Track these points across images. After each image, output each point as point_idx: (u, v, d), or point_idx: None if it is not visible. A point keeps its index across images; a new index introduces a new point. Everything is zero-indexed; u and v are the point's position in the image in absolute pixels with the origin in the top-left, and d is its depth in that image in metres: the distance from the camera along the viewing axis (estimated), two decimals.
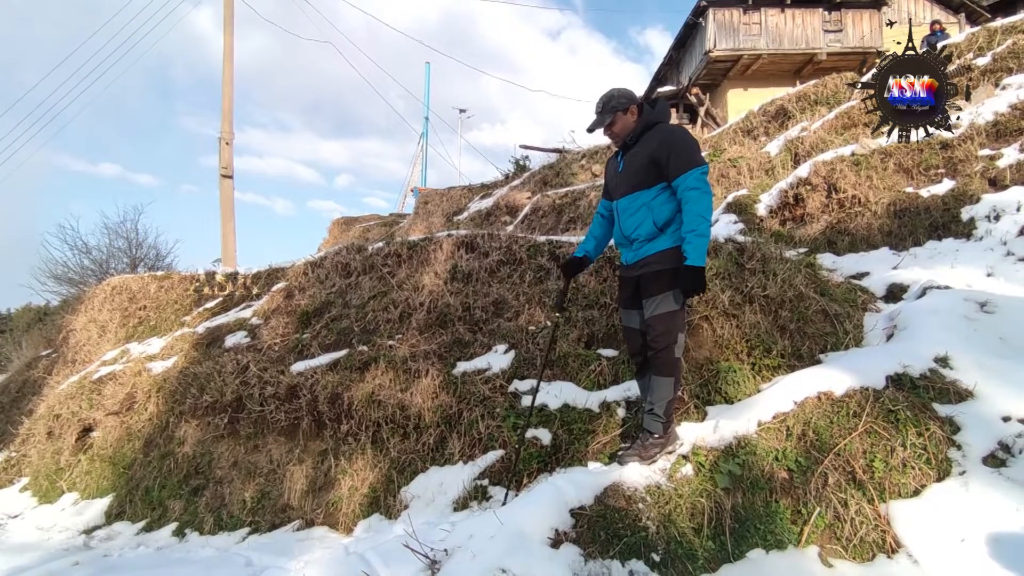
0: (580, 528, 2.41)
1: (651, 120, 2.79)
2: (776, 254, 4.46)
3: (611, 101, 2.81)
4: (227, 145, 12.40)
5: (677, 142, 2.65)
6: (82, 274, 17.02)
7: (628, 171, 2.82)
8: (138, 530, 4.57)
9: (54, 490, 5.51)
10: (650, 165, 2.70)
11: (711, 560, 2.42)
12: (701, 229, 2.53)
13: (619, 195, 2.87)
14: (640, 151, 2.77)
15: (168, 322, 7.79)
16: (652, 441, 2.76)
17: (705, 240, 2.53)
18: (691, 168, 2.58)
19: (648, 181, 2.72)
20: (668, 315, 2.66)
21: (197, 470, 4.68)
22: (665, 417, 2.74)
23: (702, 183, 2.57)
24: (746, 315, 3.77)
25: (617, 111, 2.79)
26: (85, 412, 5.90)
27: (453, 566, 2.41)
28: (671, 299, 2.66)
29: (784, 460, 2.66)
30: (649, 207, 2.71)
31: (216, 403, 4.81)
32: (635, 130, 2.80)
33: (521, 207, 11.20)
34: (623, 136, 2.83)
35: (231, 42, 12.67)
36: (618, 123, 2.81)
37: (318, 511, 3.94)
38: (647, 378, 2.88)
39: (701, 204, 2.54)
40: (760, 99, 12.29)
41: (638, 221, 2.75)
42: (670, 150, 2.64)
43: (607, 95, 2.84)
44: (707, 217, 2.55)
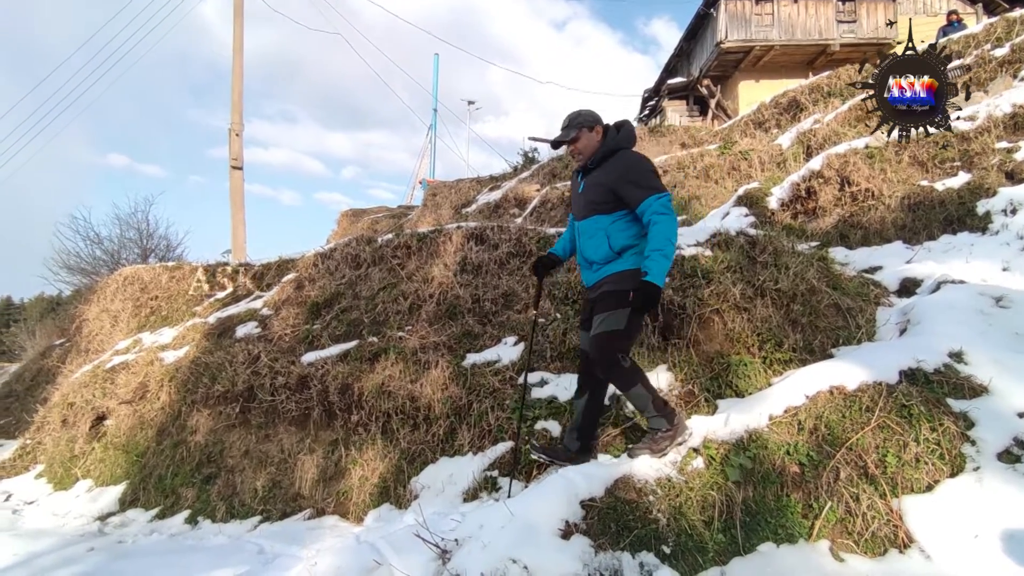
0: (590, 520, 2.42)
1: (614, 146, 2.80)
2: (788, 247, 4.43)
3: (578, 118, 2.84)
4: (237, 136, 12.43)
5: (641, 171, 2.69)
6: (94, 264, 17.17)
7: (588, 195, 2.83)
8: (151, 517, 4.64)
9: (69, 477, 5.60)
10: (610, 192, 2.72)
11: (721, 553, 2.42)
12: (667, 251, 2.54)
13: (580, 217, 2.89)
14: (601, 176, 2.78)
15: (180, 312, 7.85)
16: (662, 435, 2.75)
17: (668, 262, 2.55)
18: (655, 193, 2.61)
19: (607, 207, 2.74)
20: (612, 334, 2.66)
21: (209, 459, 4.74)
22: (661, 412, 2.73)
23: (669, 208, 2.60)
24: (758, 309, 3.75)
25: (583, 127, 2.82)
26: (99, 401, 5.98)
27: (463, 556, 2.42)
28: (618, 318, 2.66)
29: (795, 454, 2.65)
30: (607, 232, 2.74)
31: (228, 392, 4.85)
32: (598, 153, 2.81)
33: (530, 199, 11.17)
34: (586, 155, 2.84)
35: (241, 34, 12.67)
36: (582, 139, 2.82)
37: (329, 500, 3.98)
38: (584, 398, 2.94)
39: (670, 228, 2.56)
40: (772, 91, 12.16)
41: (596, 244, 2.78)
42: (635, 179, 2.66)
43: (574, 113, 2.87)
44: (673, 241, 2.57)
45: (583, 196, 2.85)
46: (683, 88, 19.90)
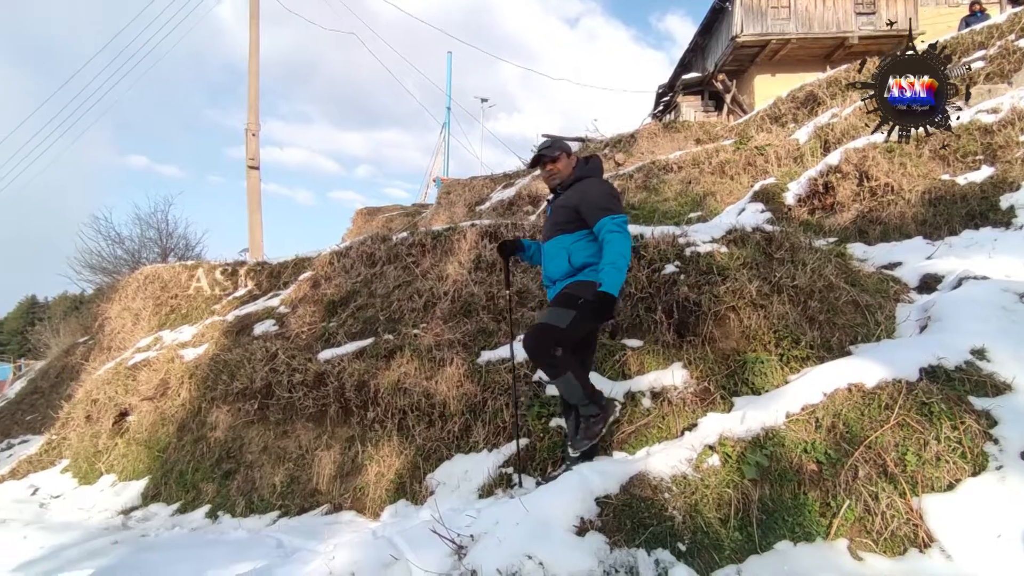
0: (606, 517, 2.42)
1: (582, 174, 3.02)
2: (805, 243, 4.38)
3: (559, 142, 3.10)
4: (253, 136, 12.57)
5: (600, 193, 2.88)
6: (115, 264, 17.47)
7: (554, 217, 3.01)
8: (173, 511, 4.72)
9: (93, 472, 5.72)
10: (573, 212, 2.89)
11: (737, 551, 2.41)
12: (620, 264, 2.67)
13: (545, 239, 3.05)
14: (566, 200, 2.97)
15: (199, 310, 7.98)
16: (594, 419, 2.86)
17: (622, 275, 2.68)
18: (612, 214, 2.76)
19: (571, 227, 2.91)
20: (550, 326, 2.77)
21: (229, 454, 4.81)
22: (590, 399, 2.83)
23: (622, 228, 2.75)
24: (774, 305, 3.72)
25: (563, 151, 3.05)
26: (121, 397, 6.10)
27: (479, 552, 2.44)
28: (561, 315, 2.77)
29: (813, 452, 2.62)
30: (568, 250, 2.89)
31: (246, 389, 4.92)
32: (569, 179, 3.03)
33: (544, 196, 11.16)
34: (561, 177, 3.04)
35: (257, 35, 12.80)
36: (561, 161, 3.04)
37: (346, 496, 4.02)
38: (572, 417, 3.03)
39: (623, 245, 2.71)
40: (789, 85, 11.99)
41: (558, 262, 2.93)
42: (593, 199, 2.84)
43: (555, 137, 3.12)
44: (627, 256, 2.71)
45: (550, 219, 3.04)
46: (698, 83, 19.70)
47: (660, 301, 3.99)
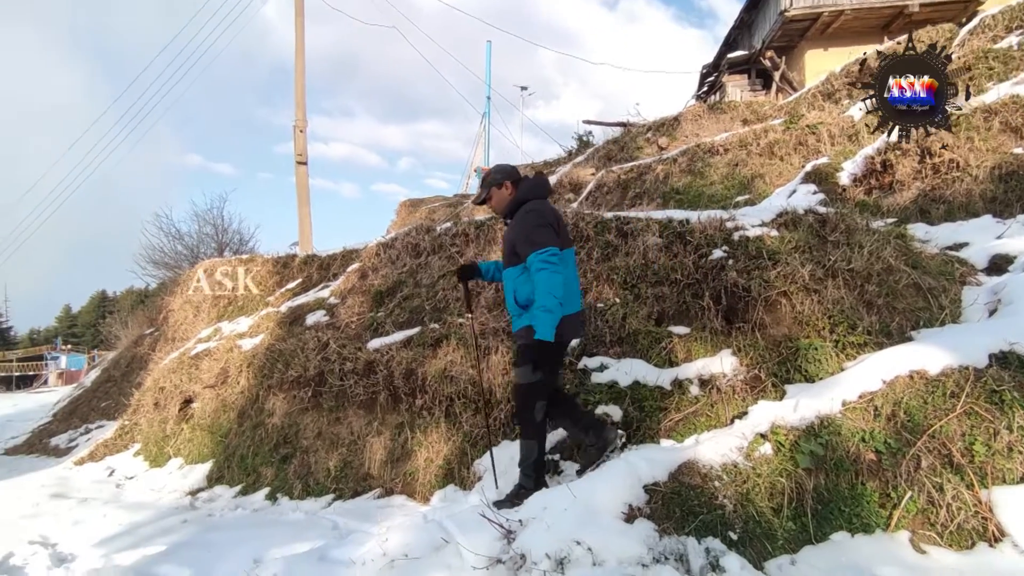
0: (654, 504, 2.41)
1: (519, 199, 2.98)
2: (862, 225, 4.20)
3: (487, 177, 3.06)
4: (301, 132, 12.91)
5: (528, 226, 2.83)
6: (176, 259, 18.36)
7: (503, 247, 3.03)
8: (235, 493, 4.98)
9: (162, 455, 6.08)
10: (511, 246, 2.91)
11: (791, 541, 2.36)
12: (549, 304, 2.69)
13: (503, 267, 3.06)
14: (508, 232, 2.99)
15: (254, 302, 8.31)
16: (524, 491, 2.90)
17: (552, 316, 2.69)
18: (537, 249, 2.74)
19: (514, 260, 2.91)
20: (526, 386, 2.88)
21: (285, 440, 5.02)
22: (535, 474, 2.93)
23: (547, 264, 2.72)
24: (828, 290, 3.59)
25: (492, 187, 3.03)
26: (185, 385, 6.44)
27: (528, 536, 2.48)
28: (523, 372, 2.87)
29: (872, 441, 2.54)
30: (514, 285, 2.92)
31: (300, 377, 5.11)
32: (510, 206, 3.01)
33: (585, 184, 11.04)
34: (499, 211, 3.07)
35: (302, 34, 13.09)
36: (493, 198, 3.04)
37: (396, 480, 4.14)
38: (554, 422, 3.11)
39: (550, 282, 2.70)
40: (842, 59, 11.40)
41: (509, 295, 2.98)
42: (522, 234, 2.83)
43: (487, 171, 3.08)
44: (556, 294, 2.70)
45: (502, 248, 3.07)
46: (744, 61, 18.98)
47: (707, 287, 3.91)
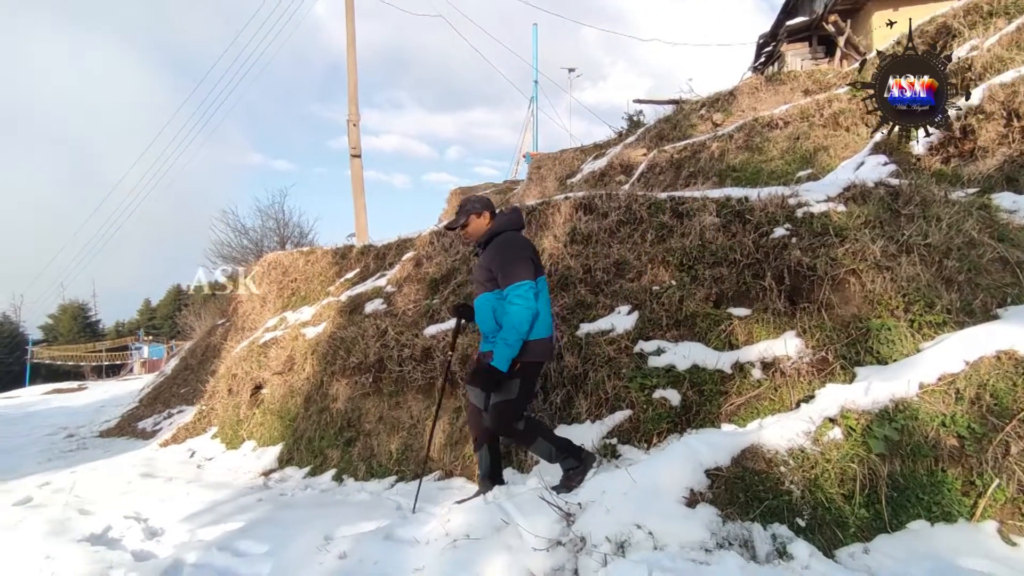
0: (717, 489, 2.37)
1: (495, 229, 3.12)
2: (939, 196, 3.94)
3: (466, 205, 3.18)
4: (354, 126, 13.22)
5: (506, 259, 2.95)
6: (243, 253, 19.26)
7: (477, 275, 3.12)
8: (304, 474, 5.23)
9: (237, 438, 6.45)
10: (489, 272, 3.01)
11: (864, 528, 2.27)
12: (511, 339, 2.81)
13: (475, 294, 3.15)
14: (484, 259, 3.08)
15: (315, 292, 8.63)
16: (574, 472, 3.01)
17: (511, 351, 2.82)
18: (513, 283, 2.85)
19: (490, 285, 3.01)
20: (504, 403, 2.96)
21: (349, 423, 5.22)
22: (567, 452, 3.03)
23: (520, 298, 2.83)
24: (902, 267, 3.39)
25: (471, 214, 3.15)
26: (255, 372, 6.79)
27: (588, 519, 2.49)
28: (511, 387, 2.93)
29: (953, 426, 2.39)
30: (492, 307, 3.01)
31: (361, 364, 5.29)
32: (485, 236, 3.13)
33: (636, 165, 10.80)
34: (473, 238, 3.18)
35: (353, 30, 13.34)
36: (471, 224, 3.16)
37: (456, 463, 4.24)
38: (483, 450, 3.28)
39: (518, 317, 2.81)
40: (914, 18, 10.60)
41: (484, 318, 3.05)
42: (500, 265, 2.94)
43: (464, 200, 3.20)
44: (521, 329, 2.81)
45: (474, 275, 3.16)
46: (805, 28, 17.94)
47: (769, 267, 3.77)
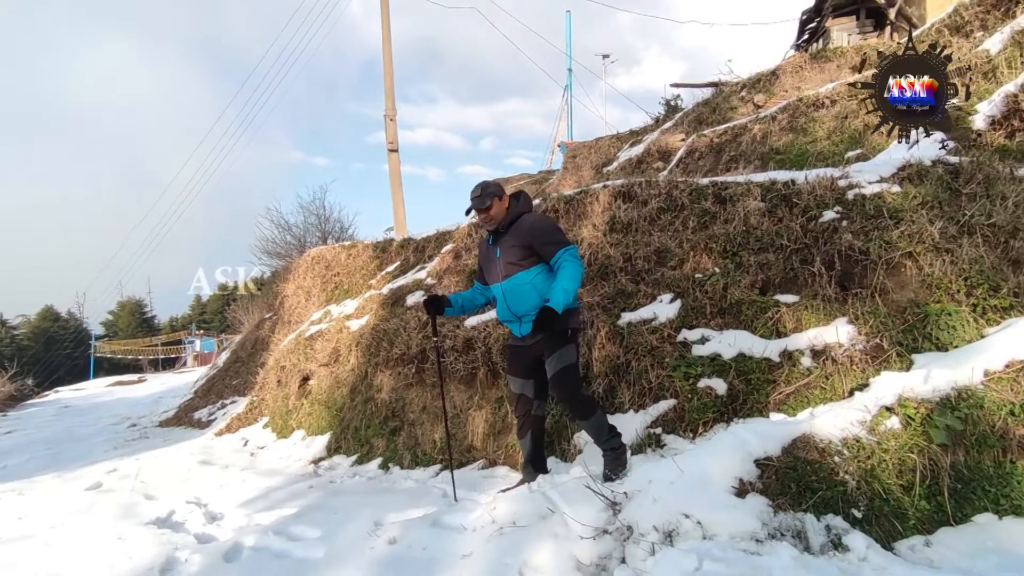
0: (767, 479, 2.33)
1: (518, 212, 3.24)
2: (1004, 173, 3.73)
3: (489, 188, 3.26)
4: (391, 121, 13.37)
5: (548, 229, 3.16)
6: (287, 248, 19.76)
7: (506, 258, 3.19)
8: (352, 462, 5.37)
9: (287, 427, 6.68)
10: (528, 250, 3.13)
11: (925, 521, 2.20)
12: (569, 287, 2.96)
13: (501, 279, 3.22)
14: (512, 240, 3.18)
15: (358, 285, 8.82)
16: (619, 451, 3.13)
17: (568, 295, 2.96)
18: (564, 247, 3.05)
19: (526, 264, 3.14)
20: (570, 368, 3.07)
21: (393, 413, 5.34)
22: (612, 434, 3.13)
23: (576, 257, 3.05)
24: (963, 248, 3.23)
25: (494, 196, 3.23)
26: (303, 364, 7.00)
27: (634, 509, 2.48)
28: (566, 354, 3.06)
29: (1022, 415, 2.28)
30: (533, 284, 3.12)
31: (404, 355, 5.39)
32: (506, 219, 3.22)
33: (675, 150, 10.58)
34: (496, 220, 3.23)
35: (388, 26, 13.46)
36: (494, 207, 3.22)
37: (499, 452, 4.29)
38: (527, 438, 3.38)
39: (576, 270, 3.00)
40: None
41: (524, 298, 3.14)
42: (544, 236, 3.11)
43: (484, 184, 3.28)
44: (577, 280, 3.00)
45: (501, 260, 3.21)
46: (851, 2, 17.15)
47: (818, 252, 3.65)
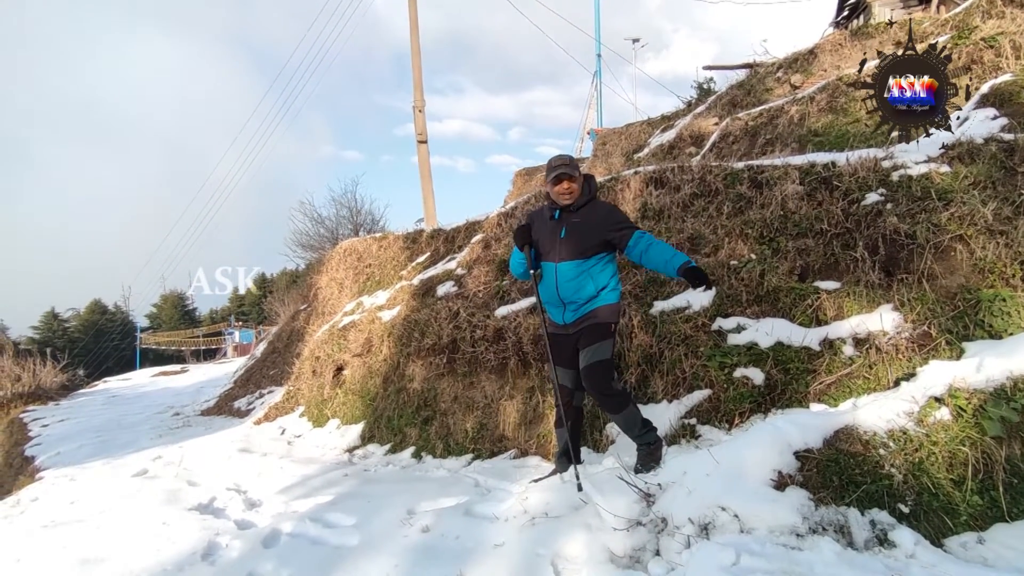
0: (807, 471, 2.26)
1: (590, 195, 3.15)
2: None
3: (574, 161, 3.17)
4: (420, 112, 13.40)
5: (621, 216, 3.14)
6: (320, 241, 20.16)
7: (571, 240, 3.07)
8: (385, 451, 5.46)
9: (322, 417, 6.82)
10: (597, 238, 3.04)
11: (977, 517, 2.10)
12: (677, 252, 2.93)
13: (559, 259, 3.09)
14: (583, 224, 3.07)
15: (389, 276, 8.92)
16: (655, 445, 3.07)
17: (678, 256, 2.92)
18: (639, 229, 3.04)
19: (591, 251, 3.04)
20: (601, 363, 2.99)
21: (426, 403, 5.39)
22: (646, 428, 3.08)
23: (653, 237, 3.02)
24: (1019, 231, 3.06)
25: (578, 171, 3.13)
26: (336, 354, 7.13)
27: (668, 500, 2.44)
28: (603, 348, 3.00)
29: None
30: (590, 274, 3.05)
31: (435, 345, 5.43)
32: (583, 198, 3.12)
33: (708, 135, 10.31)
34: (574, 197, 3.10)
35: (415, 18, 13.46)
36: (578, 181, 3.11)
37: (530, 442, 4.28)
38: (564, 428, 3.20)
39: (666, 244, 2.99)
40: None
41: (579, 286, 3.05)
42: (618, 221, 3.07)
43: (567, 157, 3.17)
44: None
45: (565, 240, 3.08)
46: None
47: (861, 236, 3.52)
